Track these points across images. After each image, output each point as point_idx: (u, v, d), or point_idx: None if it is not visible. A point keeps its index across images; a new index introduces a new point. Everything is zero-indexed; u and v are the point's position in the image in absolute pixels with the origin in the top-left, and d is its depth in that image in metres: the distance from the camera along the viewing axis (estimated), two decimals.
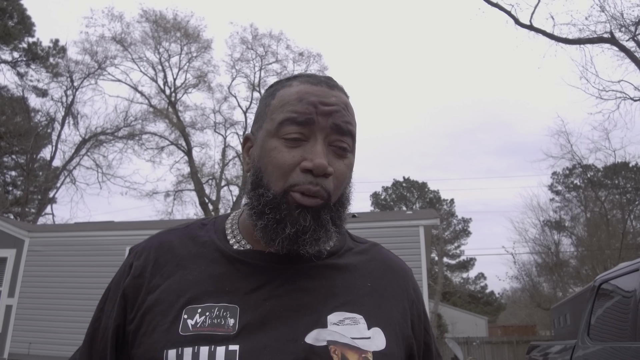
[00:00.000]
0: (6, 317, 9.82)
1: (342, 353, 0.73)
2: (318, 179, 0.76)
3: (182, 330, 0.73)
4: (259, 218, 0.78)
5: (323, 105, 0.79)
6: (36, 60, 25.05)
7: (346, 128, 0.80)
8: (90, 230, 10.27)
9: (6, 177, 25.65)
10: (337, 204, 0.80)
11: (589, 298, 3.85)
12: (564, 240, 26.07)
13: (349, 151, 0.81)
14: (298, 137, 0.78)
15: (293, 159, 0.77)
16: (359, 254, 0.89)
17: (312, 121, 0.78)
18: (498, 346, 20.07)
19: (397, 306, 0.84)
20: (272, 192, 0.77)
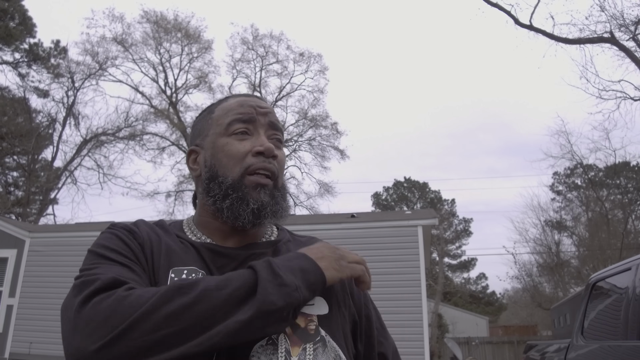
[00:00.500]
0: (7, 317, 9.86)
1: None
2: (269, 159, 0.93)
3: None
4: (223, 200, 0.91)
5: (260, 107, 0.99)
6: (37, 61, 25.11)
7: (279, 125, 1.00)
8: (90, 231, 10.31)
9: (8, 178, 25.74)
10: (282, 187, 0.97)
11: (583, 297, 3.88)
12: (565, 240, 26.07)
13: (283, 144, 1.01)
14: (245, 131, 0.95)
15: (244, 147, 0.93)
16: (301, 243, 1.02)
17: (254, 119, 0.97)
18: (499, 346, 20.09)
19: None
20: (230, 178, 0.92)
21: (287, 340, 0.82)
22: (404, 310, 7.96)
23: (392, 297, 8.02)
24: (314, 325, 0.85)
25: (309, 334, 0.84)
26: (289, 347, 0.82)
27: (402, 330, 7.81)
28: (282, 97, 24.50)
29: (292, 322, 0.80)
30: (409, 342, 7.70)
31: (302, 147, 24.55)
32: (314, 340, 0.84)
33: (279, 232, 1.06)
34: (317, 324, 0.85)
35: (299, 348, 0.82)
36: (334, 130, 24.10)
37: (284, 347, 0.81)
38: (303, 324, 0.84)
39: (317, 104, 24.28)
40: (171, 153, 23.68)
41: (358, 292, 1.00)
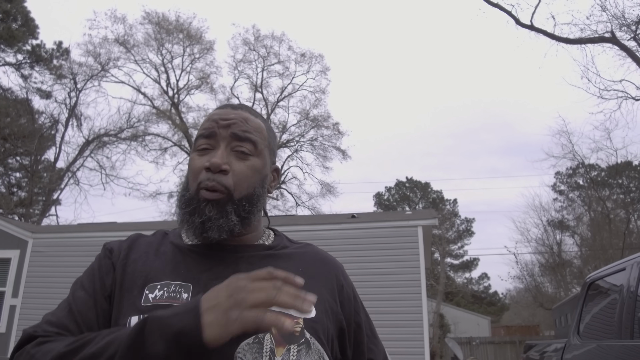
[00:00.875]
0: (10, 317, 9.90)
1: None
2: (215, 175, 0.93)
3: (144, 302, 0.89)
4: (179, 212, 0.98)
5: (223, 120, 0.98)
6: (40, 62, 25.18)
7: (244, 135, 0.97)
8: (93, 231, 10.35)
9: (11, 179, 25.83)
10: (244, 199, 0.96)
11: (579, 297, 3.90)
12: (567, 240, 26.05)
13: (251, 154, 0.98)
14: (206, 147, 0.97)
15: (201, 162, 0.96)
16: (295, 249, 1.05)
17: (215, 133, 0.97)
18: (500, 346, 20.08)
19: (326, 287, 0.99)
20: (189, 192, 0.97)
21: (272, 340, 0.85)
22: (404, 310, 7.97)
23: (392, 297, 8.05)
24: (300, 328, 0.88)
25: (294, 335, 0.87)
26: (273, 347, 0.85)
27: (403, 330, 7.83)
28: (283, 98, 24.55)
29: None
30: (409, 342, 7.72)
31: (303, 147, 24.59)
32: (298, 342, 0.87)
33: (276, 237, 1.08)
34: (302, 327, 0.88)
35: (283, 348, 0.86)
36: (335, 130, 24.14)
37: (269, 347, 0.85)
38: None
39: (319, 105, 24.34)
40: (173, 154, 23.77)
41: (349, 300, 1.02)
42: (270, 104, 24.37)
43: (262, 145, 1.00)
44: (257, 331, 0.79)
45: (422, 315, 8.04)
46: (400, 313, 7.89)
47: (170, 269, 0.94)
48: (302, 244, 1.09)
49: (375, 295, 7.89)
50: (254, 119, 1.02)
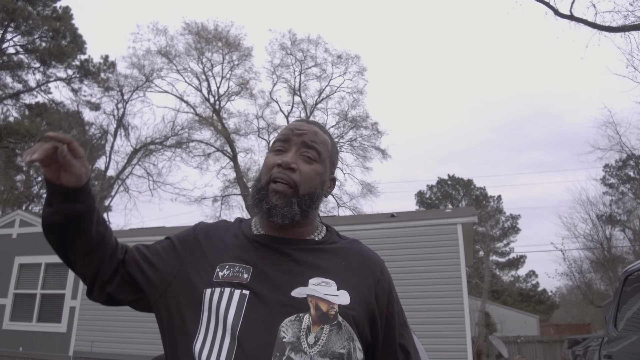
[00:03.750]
0: (70, 318, 10.51)
1: (316, 303, 1.06)
2: (285, 171, 1.16)
3: (215, 278, 1.10)
4: (251, 199, 1.19)
5: (297, 130, 1.22)
6: (88, 76, 26.30)
7: (311, 144, 1.20)
8: (143, 236, 10.82)
9: None
10: (306, 195, 1.16)
11: (616, 290, 3.93)
12: (617, 235, 25.12)
13: (315, 160, 1.20)
14: (280, 149, 1.21)
15: (274, 160, 1.18)
16: (342, 245, 1.23)
17: (289, 138, 1.21)
18: (550, 345, 19.59)
19: (364, 281, 1.16)
20: (261, 183, 1.18)
21: (310, 319, 1.04)
22: (445, 307, 8.01)
23: (433, 294, 8.11)
24: (334, 312, 1.06)
25: (328, 317, 1.05)
26: (310, 325, 1.03)
27: (444, 327, 7.88)
28: (322, 100, 24.78)
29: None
30: (450, 339, 7.76)
31: (343, 148, 24.68)
32: (331, 323, 1.04)
33: (327, 233, 1.26)
34: (336, 311, 1.06)
35: (318, 327, 1.03)
36: (374, 130, 24.17)
37: (306, 324, 1.03)
38: (325, 309, 1.05)
39: (357, 105, 24.44)
40: (216, 159, 24.26)
41: (383, 293, 1.18)
42: (309, 107, 24.65)
43: (324, 155, 1.22)
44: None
45: (464, 313, 8.06)
46: (442, 310, 7.94)
47: (238, 253, 1.15)
48: (350, 239, 1.26)
49: (416, 293, 7.98)
50: (322, 134, 1.25)
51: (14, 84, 25.52)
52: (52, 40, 25.37)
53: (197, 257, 1.16)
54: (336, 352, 1.03)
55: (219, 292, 1.07)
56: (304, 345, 1.01)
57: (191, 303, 1.09)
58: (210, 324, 1.05)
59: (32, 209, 24.04)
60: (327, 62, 24.19)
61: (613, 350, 3.62)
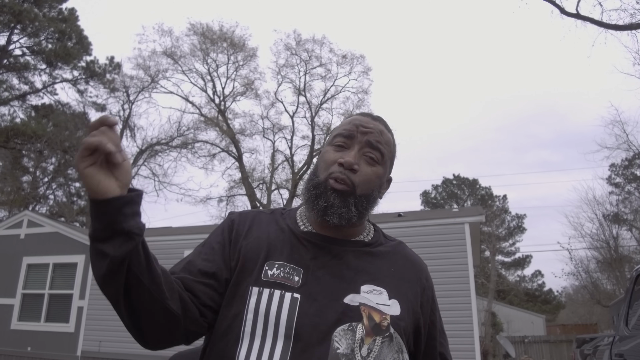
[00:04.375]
0: (78, 318, 10.56)
1: (369, 312, 1.03)
2: (346, 171, 1.08)
3: (264, 276, 1.05)
4: (306, 193, 1.12)
5: (363, 127, 1.13)
6: (94, 77, 26.43)
7: (376, 145, 1.13)
8: (150, 236, 10.87)
9: (71, 189, 27.26)
10: (363, 197, 1.10)
11: (627, 289, 3.92)
12: (624, 234, 25.00)
13: (377, 162, 1.13)
14: (342, 144, 1.13)
15: (335, 156, 1.11)
16: (389, 247, 1.19)
17: (353, 135, 1.13)
18: (556, 345, 19.53)
19: (411, 289, 1.13)
20: (319, 178, 1.11)
21: (363, 330, 1.01)
22: (453, 307, 8.01)
23: (441, 294, 8.02)
24: (387, 323, 1.03)
25: (381, 328, 1.02)
26: (363, 336, 1.00)
27: (452, 327, 7.87)
28: (326, 100, 24.75)
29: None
30: (459, 339, 7.76)
31: None
32: (383, 335, 1.02)
33: (375, 233, 1.22)
34: (389, 322, 1.03)
35: (371, 338, 1.00)
36: None
37: (360, 336, 1.00)
38: (378, 320, 1.02)
39: (362, 105, 24.38)
40: (221, 159, 24.26)
41: (428, 301, 1.16)
42: (314, 107, 24.63)
43: (387, 157, 1.16)
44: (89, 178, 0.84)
45: (472, 312, 8.05)
46: (450, 310, 7.93)
47: (287, 251, 1.09)
48: (396, 242, 1.23)
49: None
50: (387, 134, 1.18)
51: (21, 85, 25.71)
52: (58, 41, 25.51)
53: (239, 251, 1.10)
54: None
55: (268, 294, 1.02)
56: (357, 358, 0.98)
57: (234, 300, 1.04)
58: (258, 328, 1.00)
59: (38, 209, 24.16)
60: (332, 62, 24.17)
61: (624, 349, 3.61)
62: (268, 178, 23.71)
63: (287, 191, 23.51)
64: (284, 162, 24.15)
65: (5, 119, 24.69)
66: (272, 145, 24.21)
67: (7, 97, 24.83)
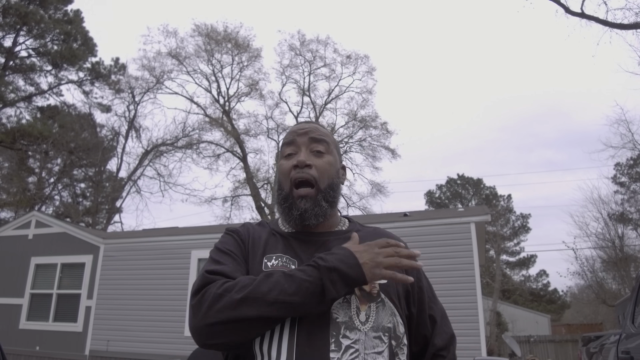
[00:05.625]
0: (86, 317, 10.63)
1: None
2: (303, 169, 1.23)
3: (264, 268, 1.17)
4: (279, 208, 1.27)
5: (300, 130, 1.30)
6: (99, 79, 26.59)
7: (319, 137, 1.29)
8: (157, 236, 10.94)
9: (76, 189, 27.39)
10: (328, 188, 1.25)
11: (633, 287, 3.95)
12: (630, 234, 24.94)
13: (326, 152, 1.28)
14: (290, 153, 1.28)
15: (289, 164, 1.26)
16: (367, 232, 1.32)
17: (294, 141, 1.29)
18: (562, 345, 19.51)
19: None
20: (284, 191, 1.25)
21: (357, 299, 1.13)
22: (459, 306, 8.03)
23: (447, 293, 8.12)
24: (376, 290, 1.16)
25: (372, 296, 1.15)
26: (358, 305, 1.13)
27: (458, 326, 7.84)
28: (331, 100, 24.82)
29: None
30: (465, 338, 7.78)
31: (352, 148, 24.72)
32: (376, 301, 1.15)
33: (351, 224, 1.36)
34: (378, 290, 1.16)
35: (366, 305, 1.14)
36: (384, 130, 24.16)
37: (355, 305, 1.13)
38: (368, 289, 1.15)
39: (366, 105, 24.45)
40: (226, 160, 24.36)
41: (411, 270, 1.26)
42: (318, 107, 24.70)
43: (332, 145, 1.31)
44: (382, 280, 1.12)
45: (478, 312, 8.08)
46: (456, 309, 7.94)
47: (281, 247, 1.23)
48: (372, 228, 1.37)
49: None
50: (323, 129, 1.34)
51: (27, 86, 25.87)
52: (63, 43, 25.65)
53: (246, 252, 1.23)
54: (385, 326, 1.14)
55: None
56: (357, 323, 1.11)
57: None
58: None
59: (44, 210, 24.30)
60: (336, 62, 24.25)
61: (631, 346, 3.65)
62: (272, 178, 23.76)
63: None
64: None
65: (12, 120, 24.87)
66: (277, 146, 24.25)
67: (13, 99, 24.99)
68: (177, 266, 10.07)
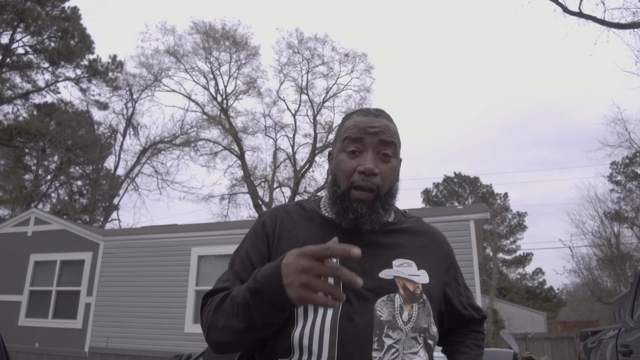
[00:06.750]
0: (85, 314, 10.64)
1: (403, 283, 1.15)
2: (368, 177, 1.15)
3: None
4: (333, 207, 1.20)
5: (370, 128, 1.19)
6: (97, 76, 26.50)
7: (388, 140, 1.19)
8: (157, 233, 10.95)
9: (73, 187, 27.34)
10: (386, 194, 1.19)
11: (632, 282, 4.02)
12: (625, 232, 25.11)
13: (392, 157, 1.20)
14: (355, 150, 1.18)
15: (352, 165, 1.17)
16: (410, 224, 1.30)
17: (362, 139, 1.18)
18: (557, 342, 19.64)
19: (436, 258, 1.27)
20: (341, 189, 1.18)
21: (401, 299, 1.13)
22: None
23: None
24: (419, 291, 1.16)
25: (415, 296, 1.15)
26: (402, 304, 1.13)
27: None
28: (329, 98, 24.81)
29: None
30: None
31: None
32: (418, 301, 1.15)
33: (396, 213, 1.30)
34: (421, 290, 1.16)
35: (409, 305, 1.14)
36: None
37: (399, 304, 1.13)
38: (412, 289, 1.15)
39: (364, 103, 24.42)
40: (224, 157, 24.30)
41: (452, 264, 1.32)
42: (316, 105, 24.67)
43: (398, 146, 1.23)
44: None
45: None
46: None
47: (320, 237, 1.15)
48: (414, 218, 1.34)
49: None
50: (392, 125, 1.23)
51: (23, 84, 25.80)
52: (60, 40, 25.57)
53: (274, 248, 1.18)
54: (422, 327, 1.15)
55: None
56: (399, 323, 1.11)
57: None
58: (308, 312, 1.10)
59: (42, 208, 24.25)
60: (334, 61, 24.23)
61: (630, 340, 3.71)
62: (270, 176, 23.79)
63: (289, 189, 23.60)
64: (286, 161, 24.24)
65: (9, 117, 24.81)
66: (274, 144, 24.30)
67: (10, 96, 24.92)
68: (177, 263, 10.09)
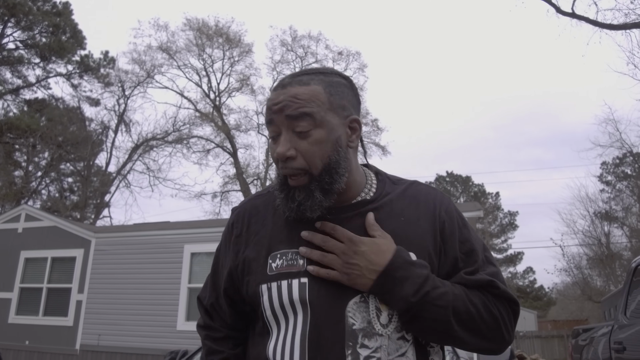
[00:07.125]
0: (77, 311, 10.56)
1: None
2: (286, 163, 0.98)
3: (269, 271, 1.00)
4: (278, 198, 1.03)
5: (274, 105, 0.99)
6: (88, 72, 26.31)
7: (295, 114, 0.97)
8: (149, 230, 10.89)
9: (63, 184, 27.12)
10: (322, 173, 0.98)
11: (625, 280, 4.05)
12: (615, 232, 25.35)
13: (310, 129, 0.97)
14: (274, 135, 1.01)
15: (274, 152, 1.00)
16: (396, 194, 1.08)
17: (273, 120, 1.00)
18: (548, 340, 19.82)
19: (428, 230, 1.04)
20: (280, 177, 1.02)
21: (375, 299, 0.96)
22: None
23: None
24: None
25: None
26: (378, 305, 0.96)
27: None
28: None
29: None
30: None
31: None
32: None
33: (379, 183, 1.10)
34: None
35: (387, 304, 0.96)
36: (374, 126, 24.26)
37: (374, 305, 0.95)
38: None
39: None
40: (216, 155, 24.31)
41: (452, 233, 1.04)
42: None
43: (321, 112, 0.98)
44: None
45: None
46: None
47: (285, 236, 1.03)
48: (406, 184, 1.12)
49: None
50: (305, 89, 0.99)
51: (14, 79, 25.56)
52: (52, 35, 25.35)
53: (243, 252, 1.07)
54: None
55: (277, 287, 0.98)
56: (377, 328, 0.94)
57: (253, 302, 1.03)
58: (277, 322, 1.00)
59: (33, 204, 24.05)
60: (328, 59, 24.28)
61: (623, 337, 3.74)
62: (263, 174, 23.77)
63: None
64: None
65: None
66: (267, 141, 24.25)
67: (0, 91, 24.67)
68: (169, 260, 10.04)
